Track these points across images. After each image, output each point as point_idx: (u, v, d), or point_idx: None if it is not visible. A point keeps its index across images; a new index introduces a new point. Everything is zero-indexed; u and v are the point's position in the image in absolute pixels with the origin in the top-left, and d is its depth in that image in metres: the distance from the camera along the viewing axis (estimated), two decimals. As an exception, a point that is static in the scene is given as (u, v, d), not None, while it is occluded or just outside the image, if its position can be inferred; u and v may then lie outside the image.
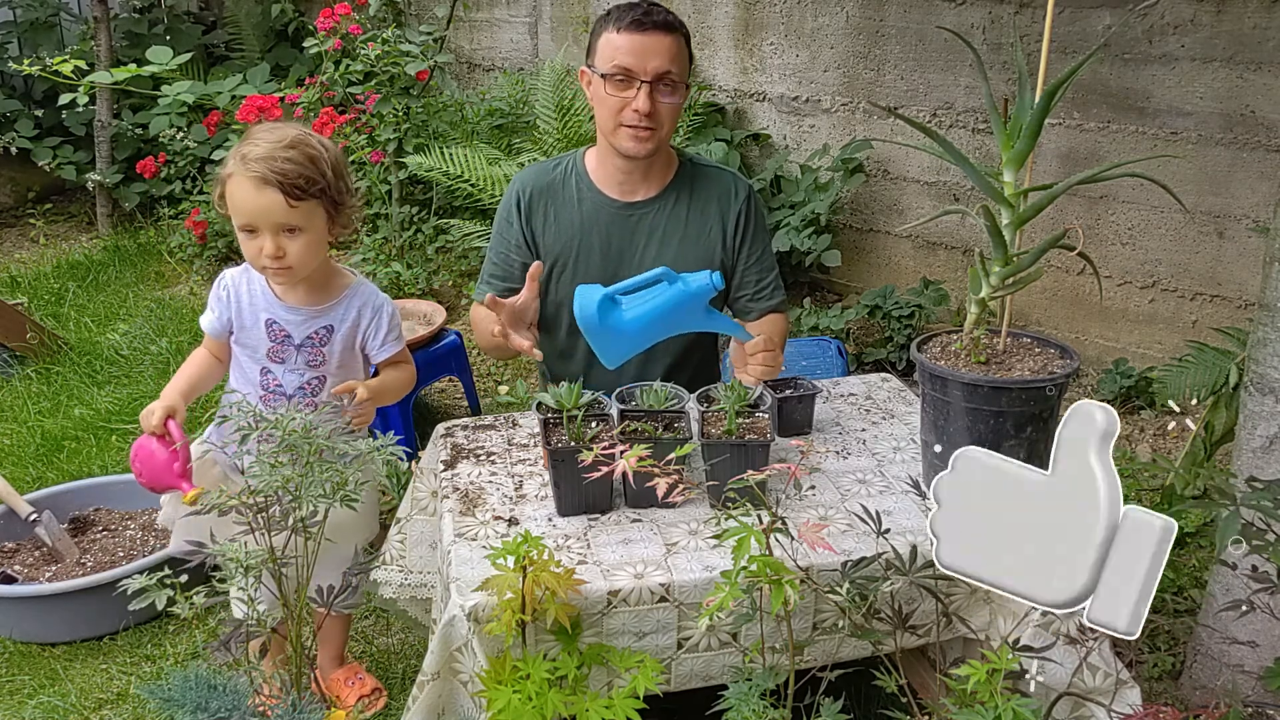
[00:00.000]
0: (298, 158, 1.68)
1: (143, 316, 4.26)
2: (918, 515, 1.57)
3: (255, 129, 1.74)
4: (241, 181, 1.68)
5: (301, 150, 1.70)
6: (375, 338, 1.89)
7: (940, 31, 3.57)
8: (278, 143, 1.68)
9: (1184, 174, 3.15)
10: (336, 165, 1.76)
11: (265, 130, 1.74)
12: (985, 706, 1.19)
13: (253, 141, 1.71)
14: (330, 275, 1.87)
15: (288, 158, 1.67)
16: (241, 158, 1.69)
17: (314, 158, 1.71)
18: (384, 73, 4.06)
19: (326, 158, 1.73)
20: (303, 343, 1.84)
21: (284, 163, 1.67)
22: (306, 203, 1.70)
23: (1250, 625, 1.75)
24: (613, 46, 1.96)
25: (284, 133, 1.72)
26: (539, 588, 1.32)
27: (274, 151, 1.67)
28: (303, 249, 1.73)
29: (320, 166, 1.71)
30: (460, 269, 4.33)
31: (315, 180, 1.70)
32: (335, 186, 1.75)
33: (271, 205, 1.67)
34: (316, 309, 1.84)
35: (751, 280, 2.15)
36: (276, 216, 1.69)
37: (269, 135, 1.71)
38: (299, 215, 1.70)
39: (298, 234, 1.72)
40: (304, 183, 1.68)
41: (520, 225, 2.11)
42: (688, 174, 2.13)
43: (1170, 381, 2.61)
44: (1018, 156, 1.49)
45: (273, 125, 1.77)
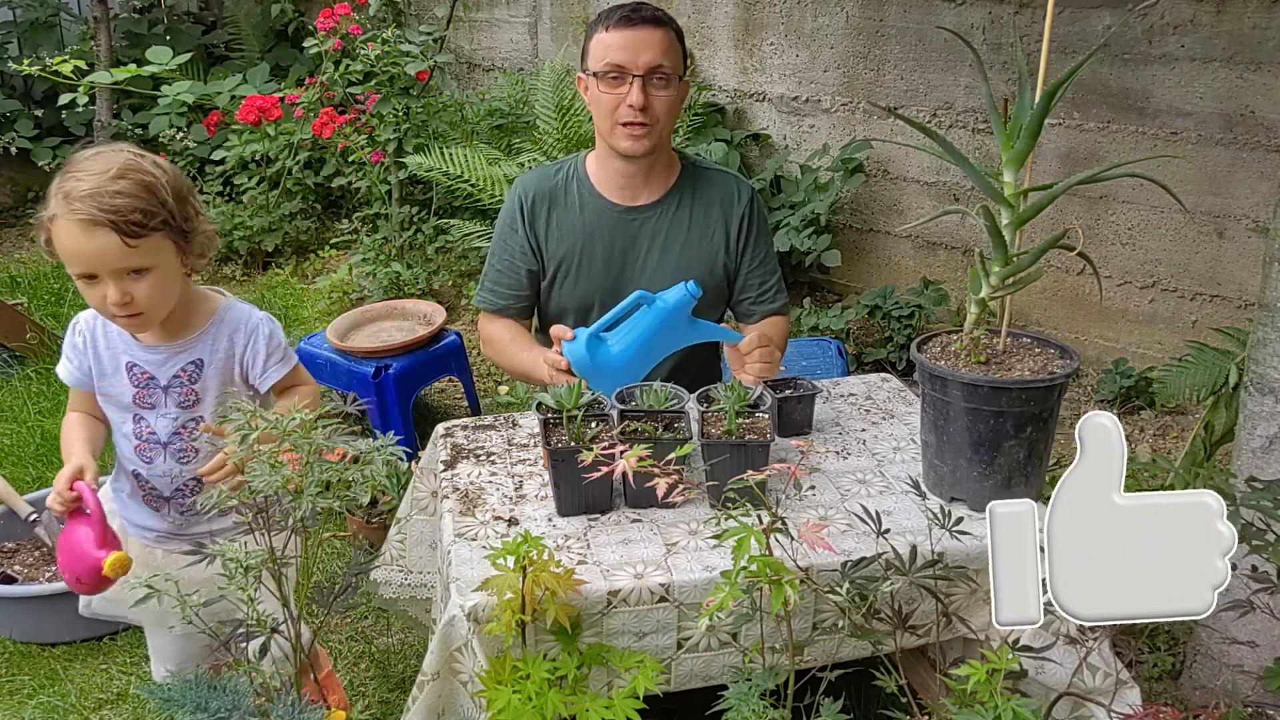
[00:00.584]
0: (130, 189, 1.46)
1: (143, 316, 4.25)
2: (918, 515, 1.57)
3: (77, 158, 1.51)
4: (68, 225, 1.45)
5: (133, 179, 1.47)
6: (255, 364, 1.68)
7: (940, 31, 3.57)
8: (104, 173, 1.45)
9: (1184, 174, 3.15)
10: (178, 188, 1.53)
11: (88, 159, 1.50)
12: (985, 706, 1.19)
13: (75, 175, 1.47)
14: (192, 305, 1.66)
15: (118, 190, 1.44)
16: (64, 196, 1.45)
17: (149, 185, 1.48)
18: (384, 73, 4.06)
19: (164, 182, 1.51)
20: (169, 383, 1.64)
21: (114, 197, 1.44)
22: (148, 239, 1.48)
23: (1250, 625, 1.75)
24: (604, 45, 1.96)
25: (110, 160, 1.48)
26: (539, 588, 1.32)
27: (101, 185, 1.44)
28: (152, 290, 1.51)
29: (158, 194, 1.49)
30: (460, 269, 4.33)
31: (154, 212, 1.48)
32: (179, 213, 1.52)
33: (107, 248, 1.45)
34: (179, 344, 1.64)
35: (754, 283, 2.15)
36: (115, 260, 1.46)
37: (93, 165, 1.48)
38: (141, 255, 1.48)
39: (144, 275, 1.50)
40: (141, 217, 1.46)
41: (524, 231, 2.11)
42: (690, 177, 2.13)
43: (1170, 381, 2.62)
44: (1018, 156, 1.49)
45: (96, 152, 1.52)
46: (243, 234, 4.60)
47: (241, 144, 4.66)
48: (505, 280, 2.15)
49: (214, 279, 4.67)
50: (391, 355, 3.01)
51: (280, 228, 4.68)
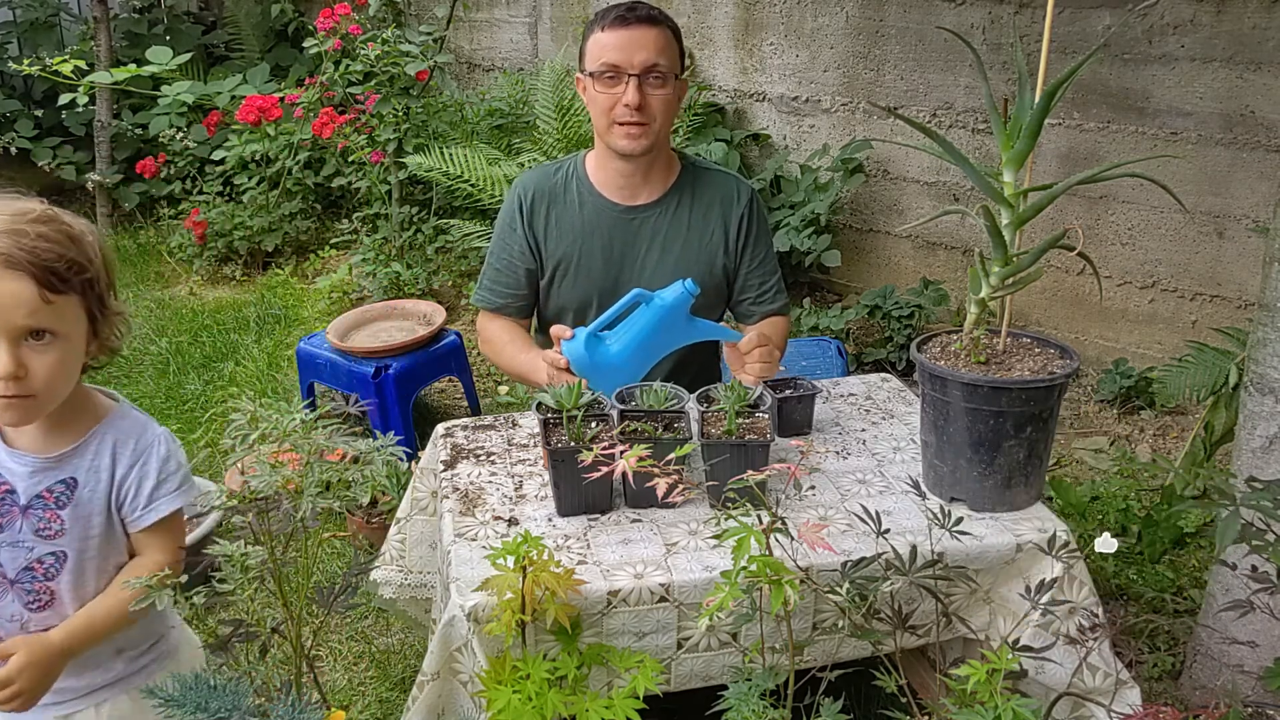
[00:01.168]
0: (54, 234, 1.21)
1: (142, 317, 4.26)
2: (918, 515, 1.57)
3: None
4: None
5: (57, 227, 1.23)
6: (138, 490, 1.33)
7: (940, 31, 3.57)
8: (23, 214, 1.21)
9: (1184, 174, 3.15)
10: (106, 253, 1.29)
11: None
12: (985, 706, 1.19)
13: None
14: (77, 406, 1.32)
15: (40, 233, 1.20)
16: None
17: (74, 236, 1.24)
18: (384, 73, 4.06)
19: (91, 241, 1.27)
20: (30, 503, 1.30)
21: (36, 238, 1.19)
22: (66, 298, 1.21)
23: (1250, 625, 1.75)
24: (600, 45, 1.97)
25: (29, 205, 1.24)
26: (539, 588, 1.32)
27: (20, 224, 1.19)
28: (54, 366, 1.22)
29: (85, 249, 1.25)
30: (460, 269, 4.33)
31: (80, 266, 1.23)
32: (103, 280, 1.27)
33: (16, 296, 1.17)
34: (53, 456, 1.31)
35: (754, 284, 2.15)
36: (20, 314, 1.17)
37: (7, 206, 1.23)
38: (54, 315, 1.20)
39: (49, 344, 1.21)
40: (64, 267, 1.20)
41: (524, 230, 2.11)
42: (689, 177, 2.13)
43: (1170, 381, 2.62)
44: (1018, 156, 1.49)
45: (8, 197, 1.26)
46: (243, 234, 4.60)
47: (241, 144, 4.66)
48: (504, 279, 2.15)
49: (214, 279, 4.67)
50: (391, 355, 3.01)
51: (280, 228, 4.68)
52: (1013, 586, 1.52)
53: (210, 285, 4.65)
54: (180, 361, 3.83)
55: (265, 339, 4.02)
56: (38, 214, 1.22)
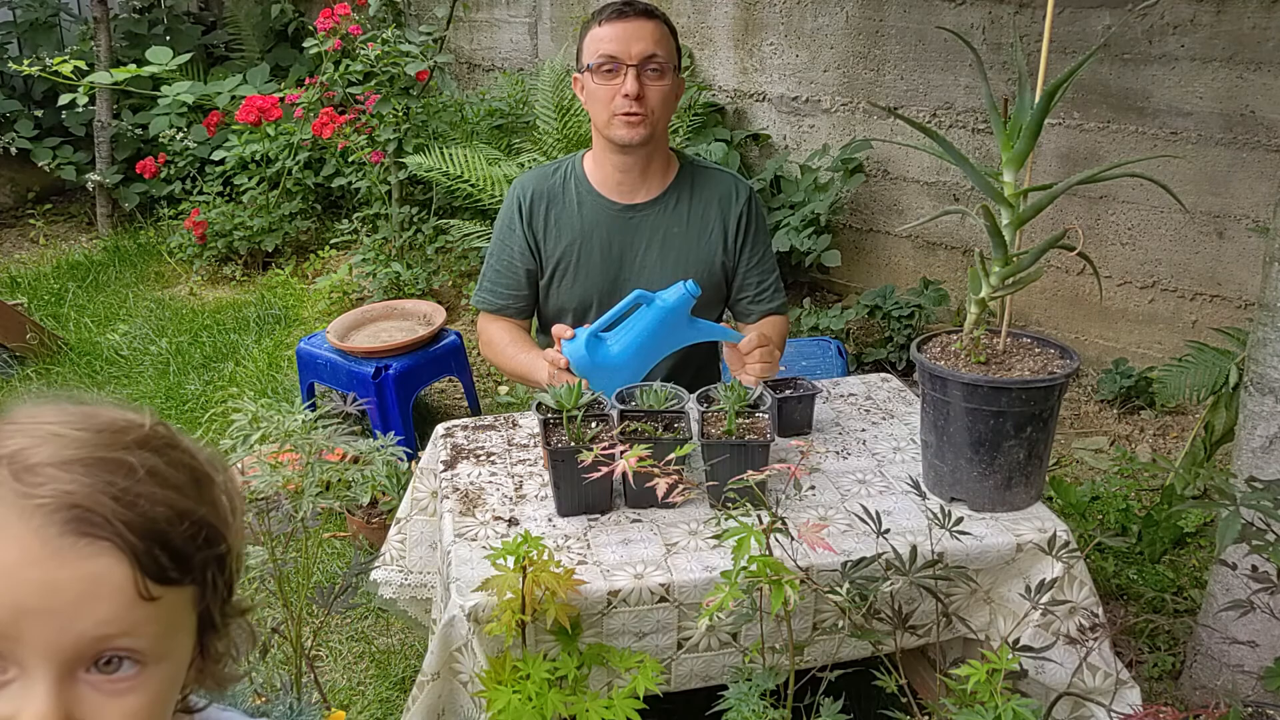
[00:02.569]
0: (170, 472, 0.67)
1: (142, 317, 4.26)
2: (918, 515, 1.57)
3: (25, 408, 0.69)
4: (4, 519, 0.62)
5: (173, 457, 0.69)
6: None
7: (940, 31, 3.57)
8: (118, 433, 0.67)
9: (1184, 174, 3.15)
10: (236, 499, 0.75)
11: (53, 407, 0.69)
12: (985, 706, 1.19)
13: (40, 425, 0.66)
14: None
15: (152, 468, 0.66)
16: (7, 463, 0.63)
17: (200, 476, 0.71)
18: (384, 73, 4.06)
19: (224, 480, 0.73)
20: None
21: (144, 479, 0.65)
22: (176, 591, 0.67)
23: (1250, 625, 1.75)
24: (597, 39, 1.99)
25: (122, 416, 0.70)
26: (539, 588, 1.32)
27: (112, 451, 0.65)
28: (148, 707, 0.66)
29: (214, 499, 0.71)
30: (460, 269, 4.33)
31: (211, 531, 0.69)
32: (235, 557, 0.73)
33: (93, 587, 0.62)
34: None
35: (752, 283, 2.15)
36: (92, 621, 0.62)
37: (80, 417, 0.68)
38: (150, 622, 0.65)
39: (134, 678, 0.65)
40: (187, 535, 0.66)
41: (523, 230, 2.11)
42: (688, 175, 2.13)
43: (1170, 381, 2.62)
44: (1018, 156, 1.49)
45: (67, 400, 0.70)
46: (243, 234, 4.60)
47: (241, 144, 4.66)
48: (504, 280, 2.16)
49: (214, 279, 4.68)
50: (391, 355, 3.01)
51: (280, 228, 4.68)
52: (1013, 586, 1.52)
53: (210, 285, 4.65)
54: (180, 362, 3.83)
55: (265, 339, 4.02)
56: (144, 432, 0.68)
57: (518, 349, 2.10)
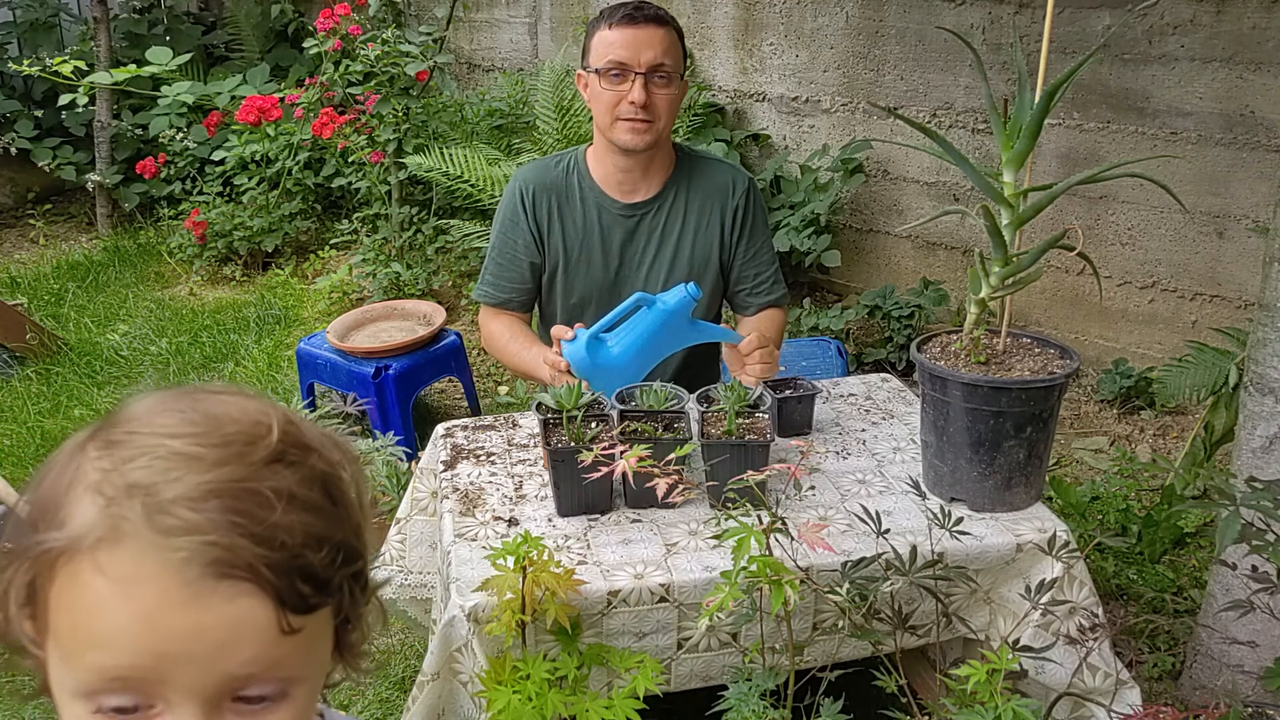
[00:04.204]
0: (308, 493, 0.63)
1: (142, 317, 4.26)
2: (918, 515, 1.57)
3: (139, 408, 0.64)
4: (137, 563, 0.58)
5: (309, 472, 0.64)
6: None
7: (940, 31, 3.57)
8: (249, 444, 0.62)
9: (1184, 174, 3.15)
10: (363, 491, 0.70)
11: (172, 408, 0.63)
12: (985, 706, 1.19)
13: (150, 445, 0.60)
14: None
15: (292, 495, 0.62)
16: (138, 494, 0.58)
17: (334, 489, 0.66)
18: (384, 73, 4.06)
19: (349, 476, 0.68)
20: None
21: (286, 509, 0.61)
22: (317, 616, 0.64)
23: (1250, 625, 1.75)
24: (606, 43, 1.97)
25: (249, 416, 0.64)
26: (539, 588, 1.32)
27: (248, 482, 0.60)
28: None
29: (348, 506, 0.67)
30: (460, 269, 4.33)
31: (350, 550, 0.65)
32: (368, 558, 0.69)
33: (236, 629, 0.60)
34: None
35: (750, 274, 2.15)
36: (237, 660, 0.60)
37: (192, 424, 0.62)
38: (292, 652, 0.62)
39: (274, 706, 0.63)
40: (327, 560, 0.63)
41: (527, 223, 2.11)
42: (686, 168, 2.13)
43: (1170, 381, 2.62)
44: (1017, 157, 1.49)
45: (184, 396, 0.65)
46: (243, 234, 4.60)
47: (241, 144, 4.66)
48: (508, 274, 2.15)
49: (214, 279, 4.68)
50: (391, 355, 3.01)
51: (280, 228, 4.68)
52: (1013, 586, 1.52)
53: (210, 286, 4.65)
54: (180, 362, 3.83)
55: (265, 339, 4.02)
56: (274, 443, 0.62)
57: (521, 345, 2.10)
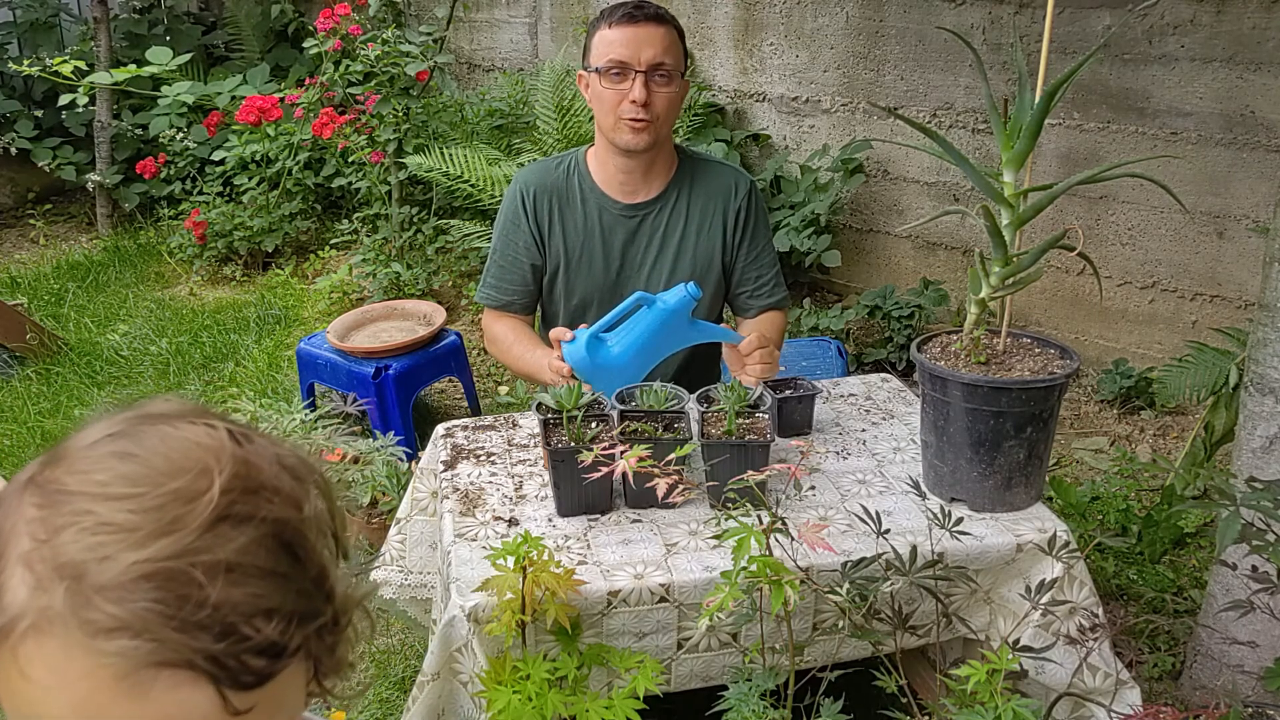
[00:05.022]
0: (250, 549, 0.57)
1: (142, 317, 4.26)
2: (918, 515, 1.57)
3: (82, 443, 0.58)
4: (64, 655, 0.53)
5: (250, 524, 0.57)
6: None
7: (940, 31, 3.57)
8: (172, 498, 0.55)
9: (1184, 174, 3.15)
10: (337, 511, 0.66)
11: (113, 450, 0.58)
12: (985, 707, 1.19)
13: (81, 510, 0.55)
14: None
15: (230, 563, 0.55)
16: (66, 575, 0.53)
17: (285, 531, 0.59)
18: (384, 73, 4.06)
19: (309, 510, 0.62)
20: None
21: (217, 588, 0.54)
22: (278, 680, 0.58)
23: (1250, 625, 1.75)
24: (606, 42, 1.97)
25: (172, 483, 0.56)
26: (539, 588, 1.32)
27: (168, 552, 0.54)
28: None
29: (308, 547, 0.61)
30: (460, 269, 4.33)
31: (310, 610, 0.60)
32: (334, 600, 0.63)
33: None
34: None
35: (751, 277, 2.15)
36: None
37: (129, 479, 0.56)
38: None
39: None
40: (282, 634, 0.57)
41: (528, 225, 2.11)
42: (688, 171, 2.13)
43: (1170, 381, 2.62)
44: (1018, 157, 1.49)
45: (129, 431, 0.59)
46: (243, 234, 4.60)
47: (241, 144, 4.66)
48: (510, 276, 2.15)
49: (214, 279, 4.68)
50: (391, 355, 3.01)
51: (280, 228, 4.68)
52: (1013, 586, 1.52)
53: (210, 286, 4.65)
54: (180, 362, 3.83)
55: (265, 339, 4.02)
56: (218, 498, 0.56)
57: (524, 348, 2.10)
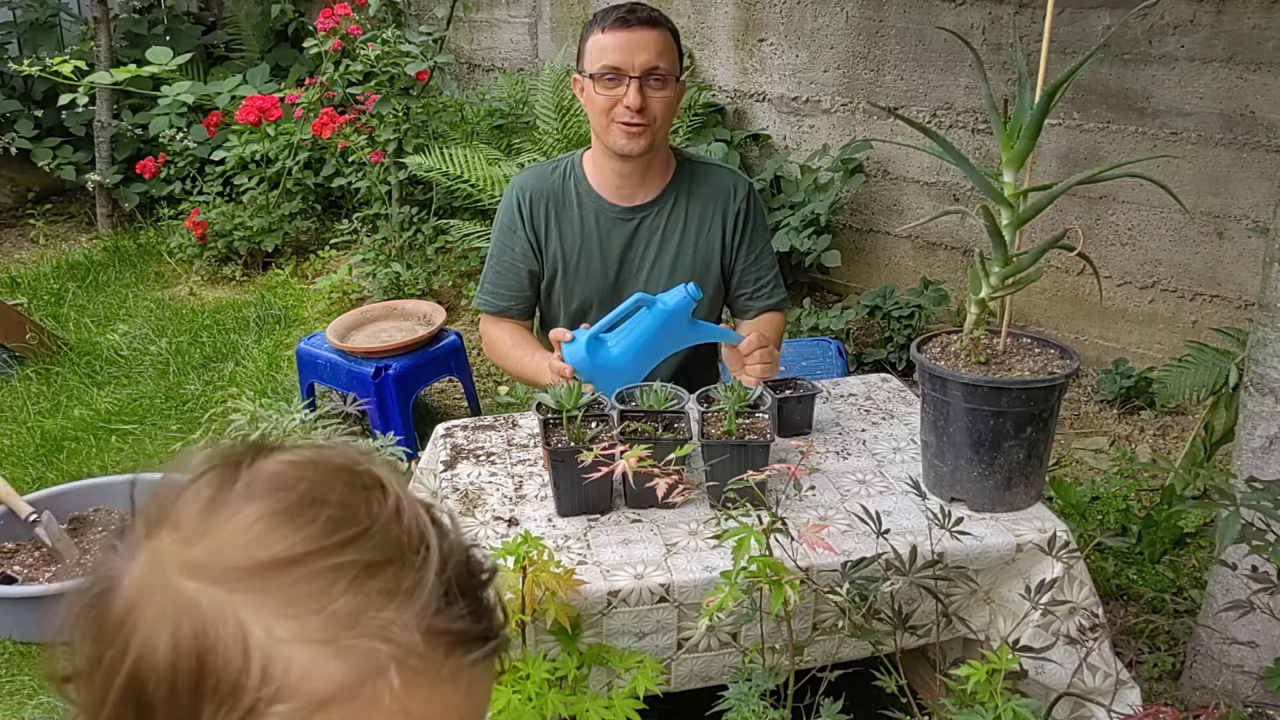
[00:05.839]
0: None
1: (142, 317, 4.25)
2: (918, 515, 1.57)
3: (197, 511, 0.52)
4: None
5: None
6: None
7: (940, 31, 3.57)
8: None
9: (1184, 174, 3.15)
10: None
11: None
12: (985, 707, 1.19)
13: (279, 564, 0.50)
14: None
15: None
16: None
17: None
18: (384, 73, 4.06)
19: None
20: None
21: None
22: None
23: (1250, 625, 1.75)
24: (599, 47, 1.96)
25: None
26: (539, 588, 1.32)
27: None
28: None
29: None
30: (460, 269, 4.33)
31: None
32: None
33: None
34: None
35: (750, 279, 2.15)
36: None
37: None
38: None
39: None
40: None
41: (524, 231, 2.10)
42: (686, 173, 2.12)
43: (1170, 381, 2.61)
44: (1017, 157, 1.49)
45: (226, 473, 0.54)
46: (243, 234, 4.60)
47: (241, 144, 4.66)
48: (506, 282, 2.15)
49: (214, 279, 4.67)
50: (391, 355, 3.01)
51: (280, 228, 4.68)
52: (1013, 586, 1.52)
53: (210, 285, 4.65)
54: (180, 362, 3.83)
55: (265, 339, 4.02)
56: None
57: (523, 352, 2.10)
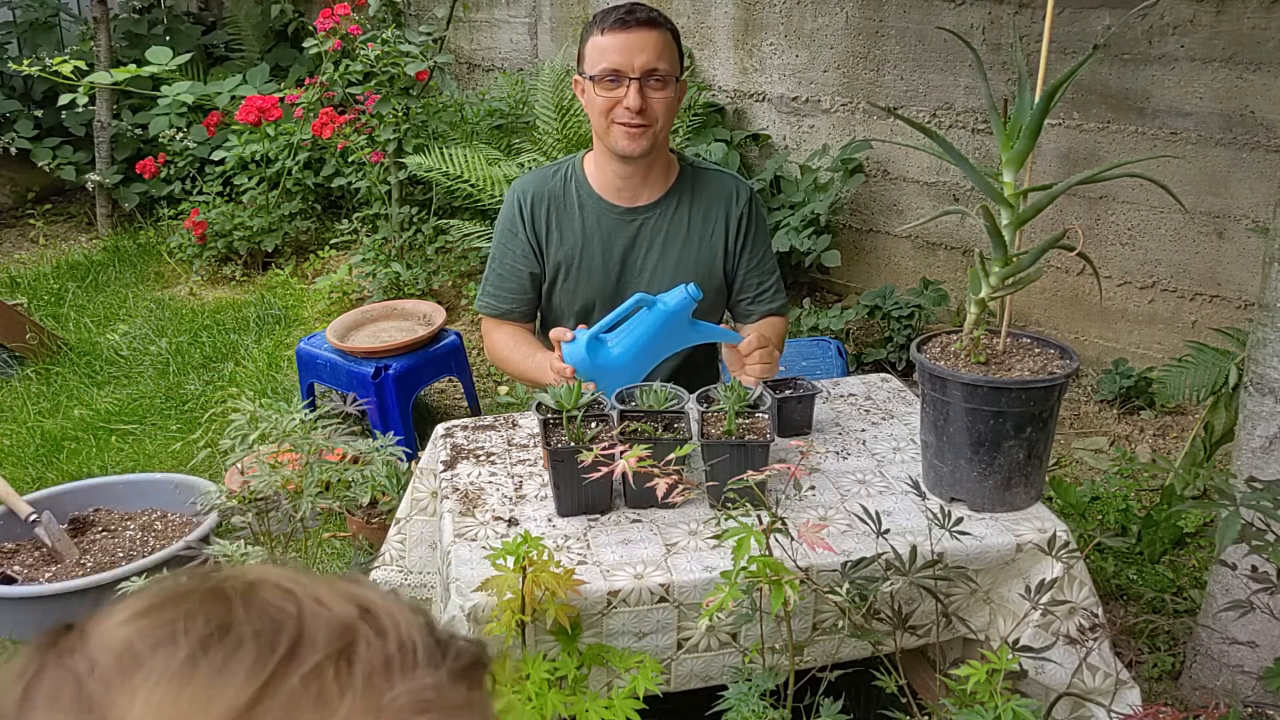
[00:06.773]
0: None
1: (142, 317, 4.26)
2: (918, 515, 1.57)
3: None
4: None
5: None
6: None
7: (940, 32, 3.57)
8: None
9: (1184, 174, 3.15)
10: None
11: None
12: (985, 707, 1.19)
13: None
14: None
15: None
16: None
17: None
18: (384, 73, 4.06)
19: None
20: None
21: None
22: None
23: (1250, 625, 1.75)
24: (599, 49, 1.96)
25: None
26: (539, 588, 1.32)
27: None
28: None
29: None
30: (460, 269, 4.33)
31: None
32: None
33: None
34: None
35: (752, 284, 2.15)
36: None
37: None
38: None
39: None
40: None
41: (525, 234, 2.10)
42: (689, 178, 2.12)
43: (1170, 381, 2.62)
44: (1017, 157, 1.49)
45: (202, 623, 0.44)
46: (243, 234, 4.61)
47: (241, 144, 4.66)
48: (508, 284, 2.15)
49: (214, 279, 4.67)
50: (391, 355, 3.01)
51: (280, 228, 4.68)
52: (1013, 586, 1.52)
53: (210, 285, 4.65)
54: (180, 362, 3.83)
55: (265, 339, 4.02)
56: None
57: (524, 353, 2.10)
